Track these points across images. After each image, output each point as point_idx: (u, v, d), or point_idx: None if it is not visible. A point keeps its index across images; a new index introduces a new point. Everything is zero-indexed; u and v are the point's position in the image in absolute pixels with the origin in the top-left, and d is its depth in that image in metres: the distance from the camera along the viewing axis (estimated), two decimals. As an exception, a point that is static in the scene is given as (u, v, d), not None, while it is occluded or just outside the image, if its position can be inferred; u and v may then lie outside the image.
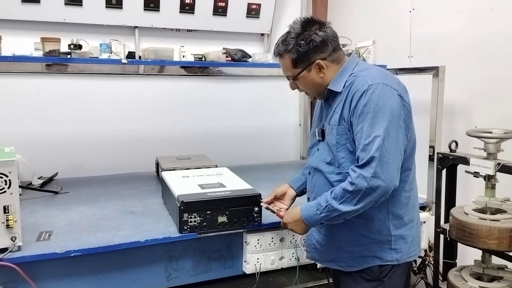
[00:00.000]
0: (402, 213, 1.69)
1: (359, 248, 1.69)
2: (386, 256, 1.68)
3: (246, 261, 2.02)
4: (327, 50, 1.65)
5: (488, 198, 1.92)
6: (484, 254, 1.98)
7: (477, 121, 2.40)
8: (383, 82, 1.57)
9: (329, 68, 1.67)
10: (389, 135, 1.52)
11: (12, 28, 2.72)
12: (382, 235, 1.67)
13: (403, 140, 1.58)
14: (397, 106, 1.56)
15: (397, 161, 1.55)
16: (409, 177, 1.69)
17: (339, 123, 1.64)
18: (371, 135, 1.52)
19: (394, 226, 1.68)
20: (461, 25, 2.53)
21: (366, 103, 1.55)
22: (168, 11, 3.09)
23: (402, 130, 1.57)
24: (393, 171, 1.53)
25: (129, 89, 3.18)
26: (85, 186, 2.70)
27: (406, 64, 2.84)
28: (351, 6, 3.42)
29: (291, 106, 3.75)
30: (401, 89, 1.61)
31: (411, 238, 1.72)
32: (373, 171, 1.50)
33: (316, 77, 1.67)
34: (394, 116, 1.54)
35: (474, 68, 2.45)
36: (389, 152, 1.52)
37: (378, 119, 1.53)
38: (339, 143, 1.65)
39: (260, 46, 3.55)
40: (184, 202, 1.84)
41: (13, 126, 2.86)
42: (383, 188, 1.51)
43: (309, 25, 1.64)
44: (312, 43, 1.62)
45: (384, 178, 1.51)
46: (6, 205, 1.61)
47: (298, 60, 1.65)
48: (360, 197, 1.53)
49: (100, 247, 1.75)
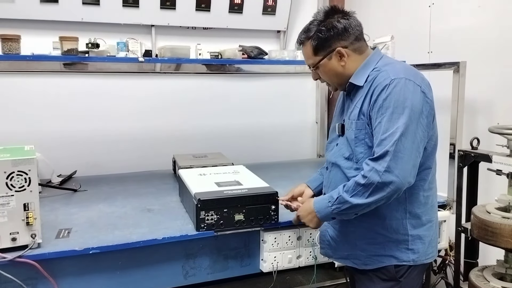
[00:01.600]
0: (420, 212, 1.65)
1: (375, 246, 1.66)
2: (403, 256, 1.65)
3: (263, 260, 2.01)
4: (349, 38, 1.63)
5: (511, 196, 1.88)
6: (507, 254, 1.93)
7: (499, 118, 2.34)
8: (405, 77, 1.54)
9: (350, 57, 1.64)
10: (408, 131, 1.49)
11: (31, 28, 2.76)
12: (399, 234, 1.64)
13: (422, 137, 1.54)
14: (419, 102, 1.52)
15: (414, 158, 1.51)
16: (428, 176, 1.65)
17: (358, 118, 1.61)
18: (389, 130, 1.49)
19: (411, 226, 1.64)
20: (482, 20, 2.47)
21: (387, 97, 1.52)
22: (184, 9, 3.09)
23: (422, 127, 1.53)
24: (407, 168, 1.49)
25: (146, 87, 3.20)
26: (103, 184, 2.73)
27: (426, 60, 2.78)
28: (369, 1, 3.38)
29: (308, 104, 3.72)
30: (424, 85, 1.58)
31: (429, 239, 1.68)
32: (387, 165, 1.47)
33: (337, 65, 1.66)
34: (414, 112, 1.50)
35: (496, 63, 2.39)
36: (406, 148, 1.48)
37: (397, 114, 1.50)
38: (357, 138, 1.62)
39: (276, 43, 3.53)
40: (201, 200, 1.84)
41: (33, 124, 2.91)
42: (396, 184, 1.48)
43: (332, 14, 1.64)
44: (333, 29, 1.62)
45: (398, 174, 1.47)
46: (26, 202, 1.63)
47: (319, 47, 1.65)
48: (371, 190, 1.50)
49: (118, 245, 1.77)
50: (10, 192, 1.61)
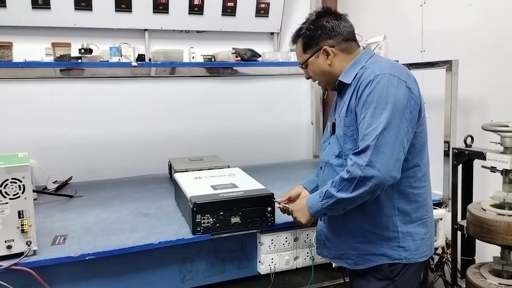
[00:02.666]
0: (409, 209, 1.65)
1: (366, 245, 1.67)
2: (394, 254, 1.64)
3: (261, 262, 2.01)
4: (337, 38, 1.68)
5: (506, 193, 1.88)
6: (503, 251, 1.93)
7: (492, 115, 2.35)
8: (390, 73, 1.55)
9: (337, 56, 1.68)
10: (390, 126, 1.49)
11: (23, 34, 2.75)
12: (389, 232, 1.64)
13: (406, 132, 1.54)
14: (403, 97, 1.53)
15: (397, 153, 1.50)
16: (417, 174, 1.64)
17: (346, 115, 1.63)
18: (372, 125, 1.50)
19: (401, 222, 1.64)
20: (473, 18, 2.48)
21: (370, 92, 1.54)
22: (177, 13, 3.10)
23: (406, 122, 1.53)
24: (390, 162, 1.48)
25: (141, 91, 3.20)
26: (99, 189, 2.72)
27: (419, 58, 2.79)
28: (361, 2, 3.39)
29: (303, 105, 3.73)
30: (410, 80, 1.58)
31: (420, 237, 1.67)
32: (368, 159, 1.48)
33: (324, 63, 1.70)
34: (398, 107, 1.51)
35: (488, 61, 2.40)
36: (388, 142, 1.48)
37: (380, 109, 1.51)
38: (346, 135, 1.64)
39: (270, 45, 3.54)
40: (197, 203, 1.84)
41: (27, 131, 2.90)
42: (378, 179, 1.47)
43: (324, 15, 1.70)
44: (321, 29, 1.68)
45: (380, 168, 1.47)
46: (20, 210, 1.62)
47: (307, 45, 1.71)
48: (355, 185, 1.50)
49: (115, 250, 1.76)
50: (4, 199, 1.60)
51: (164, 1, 3.02)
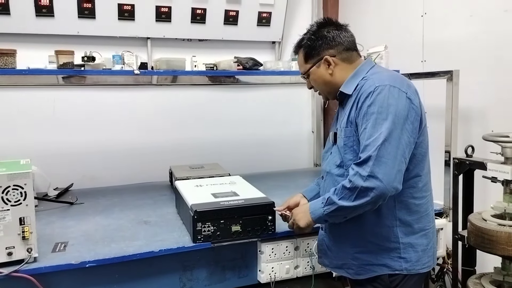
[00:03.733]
0: (411, 220, 1.64)
1: (367, 255, 1.66)
2: (395, 264, 1.64)
3: (261, 270, 2.00)
4: (338, 48, 1.70)
5: (506, 203, 1.88)
6: (504, 261, 1.93)
7: (493, 125, 2.36)
8: (390, 84, 1.56)
9: (338, 65, 1.70)
10: (391, 136, 1.50)
11: (27, 42, 2.78)
12: (390, 242, 1.64)
13: (408, 143, 1.54)
14: (403, 108, 1.54)
15: (399, 163, 1.50)
16: (418, 184, 1.64)
17: (347, 125, 1.65)
18: (373, 136, 1.51)
19: (402, 233, 1.64)
20: (474, 28, 2.50)
21: (371, 103, 1.55)
22: (180, 22, 3.12)
23: (407, 132, 1.54)
24: (391, 173, 1.48)
25: (143, 99, 3.21)
26: (100, 196, 2.72)
27: (419, 68, 2.81)
28: (362, 12, 3.41)
29: (304, 113, 3.74)
30: (411, 91, 1.59)
31: (422, 248, 1.66)
32: (370, 170, 1.48)
33: (325, 73, 1.72)
34: (399, 117, 1.52)
35: (489, 71, 2.41)
36: (389, 153, 1.49)
37: (381, 120, 1.52)
38: (346, 145, 1.65)
39: (272, 54, 3.55)
40: (197, 212, 1.84)
41: (29, 138, 2.91)
42: (379, 189, 1.48)
43: (325, 25, 1.73)
44: (322, 39, 1.70)
45: (382, 179, 1.47)
46: (22, 216, 1.63)
47: (309, 55, 1.74)
48: (356, 194, 1.51)
49: (115, 258, 1.76)
50: (6, 206, 1.60)
51: (167, 10, 3.05)
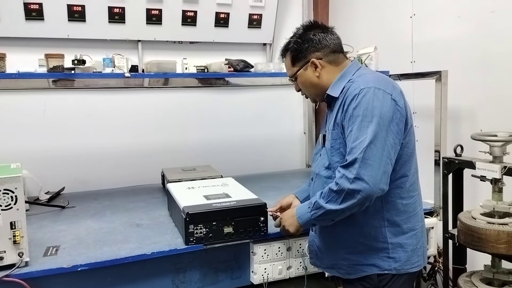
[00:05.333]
0: (399, 220, 1.65)
1: (356, 255, 1.67)
2: (384, 264, 1.64)
3: (254, 272, 2.01)
4: (324, 50, 1.70)
5: (495, 201, 1.91)
6: (494, 259, 1.95)
7: (482, 125, 2.39)
8: (375, 86, 1.57)
9: (325, 68, 1.71)
10: (376, 139, 1.50)
11: (17, 46, 2.76)
12: (378, 242, 1.64)
13: (393, 144, 1.55)
14: (388, 110, 1.54)
15: (384, 165, 1.51)
16: (405, 184, 1.65)
17: (333, 128, 1.66)
18: (359, 138, 1.52)
19: (391, 234, 1.64)
20: (462, 29, 2.53)
21: (356, 106, 1.55)
22: (170, 24, 3.12)
23: (393, 134, 1.54)
24: (377, 174, 1.49)
25: (134, 102, 3.21)
26: (91, 200, 2.71)
27: (409, 69, 2.83)
28: (352, 13, 3.44)
29: (295, 115, 3.76)
30: (396, 93, 1.60)
31: (412, 248, 1.66)
32: (356, 172, 1.49)
33: (312, 76, 1.72)
34: (384, 119, 1.52)
35: (477, 71, 2.44)
36: (375, 155, 1.49)
37: (366, 122, 1.52)
38: (333, 148, 1.66)
39: (263, 56, 3.57)
40: (190, 214, 1.84)
41: (20, 142, 2.89)
42: (366, 191, 1.48)
43: (311, 28, 1.73)
44: (308, 42, 1.71)
45: (368, 181, 1.48)
46: (12, 221, 1.62)
47: (295, 58, 1.75)
48: (343, 197, 1.51)
49: (107, 261, 1.75)
50: (-3, 210, 1.59)
51: (157, 13, 3.05)
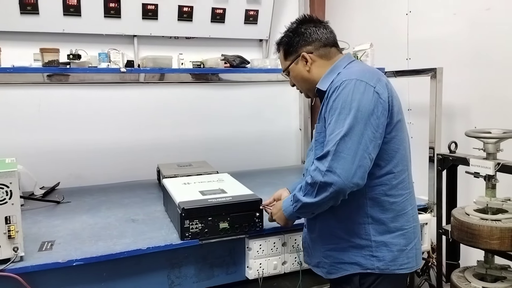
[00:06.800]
0: (385, 218, 1.59)
1: (339, 252, 1.63)
2: (367, 263, 1.59)
3: (249, 267, 2.02)
4: (315, 44, 1.69)
5: (489, 198, 1.92)
6: (487, 255, 1.97)
7: (476, 122, 2.40)
8: (357, 78, 1.53)
9: (316, 62, 1.69)
10: (352, 131, 1.47)
11: (12, 40, 2.74)
12: (361, 240, 1.59)
13: (372, 138, 1.49)
14: (369, 103, 1.50)
15: (360, 159, 1.46)
16: (391, 181, 1.58)
17: (318, 121, 1.64)
18: (335, 131, 1.49)
19: (375, 231, 1.59)
20: (458, 27, 2.54)
21: (335, 98, 1.53)
22: (167, 19, 3.11)
23: (372, 127, 1.49)
24: (351, 168, 1.45)
25: (130, 97, 3.20)
26: (86, 195, 2.71)
27: (404, 66, 2.84)
28: (349, 10, 3.44)
29: (291, 111, 3.76)
30: (380, 86, 1.54)
31: (398, 248, 1.59)
32: (328, 165, 1.46)
33: (303, 70, 1.71)
34: (362, 112, 1.48)
35: (472, 69, 2.45)
36: (349, 148, 1.46)
37: (343, 115, 1.49)
38: (317, 141, 1.65)
39: (259, 52, 3.56)
40: (185, 209, 1.85)
41: (15, 137, 2.87)
42: (338, 185, 1.45)
43: (303, 23, 1.72)
44: (299, 35, 1.70)
45: (340, 174, 1.44)
46: (7, 215, 1.61)
47: (287, 52, 1.75)
48: (317, 190, 1.50)
49: (102, 256, 1.75)
50: (-9, 205, 1.59)
51: (153, 8, 3.03)
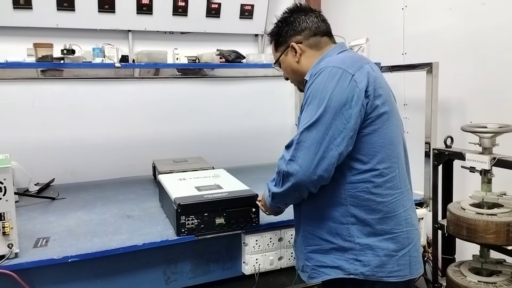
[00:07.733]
0: (370, 219, 1.46)
1: (320, 255, 1.53)
2: (350, 267, 1.47)
3: (245, 262, 2.02)
4: (304, 33, 1.61)
5: (484, 192, 1.93)
6: (482, 249, 1.98)
7: (472, 116, 2.41)
8: (334, 65, 1.45)
9: (305, 53, 1.62)
10: (319, 121, 1.40)
11: (4, 35, 2.72)
12: (344, 241, 1.48)
13: (342, 129, 1.39)
14: (343, 91, 1.40)
15: (324, 150, 1.38)
16: (377, 179, 1.46)
17: (300, 112, 1.54)
18: (304, 120, 1.44)
19: (360, 233, 1.47)
20: (453, 21, 2.53)
21: (309, 87, 1.47)
22: (161, 14, 3.08)
23: (343, 118, 1.39)
24: (313, 159, 1.38)
25: (125, 93, 3.18)
26: (81, 191, 2.69)
27: (400, 61, 2.84)
28: (344, 4, 3.43)
29: (287, 106, 3.75)
30: (361, 74, 1.44)
31: (386, 253, 1.45)
32: (291, 154, 1.42)
33: (292, 61, 1.64)
34: (334, 101, 1.40)
35: (468, 64, 2.45)
36: (313, 138, 1.39)
37: (313, 105, 1.43)
38: None
39: (254, 46, 3.55)
40: (181, 205, 1.84)
41: (9, 133, 2.85)
42: (299, 175, 1.40)
43: (294, 12, 1.66)
44: (288, 24, 1.63)
45: (301, 164, 1.39)
46: (1, 212, 1.60)
47: (277, 43, 1.69)
48: (282, 179, 1.47)
49: (98, 252, 1.75)
50: (-15, 202, 1.58)
51: (148, 2, 3.01)
